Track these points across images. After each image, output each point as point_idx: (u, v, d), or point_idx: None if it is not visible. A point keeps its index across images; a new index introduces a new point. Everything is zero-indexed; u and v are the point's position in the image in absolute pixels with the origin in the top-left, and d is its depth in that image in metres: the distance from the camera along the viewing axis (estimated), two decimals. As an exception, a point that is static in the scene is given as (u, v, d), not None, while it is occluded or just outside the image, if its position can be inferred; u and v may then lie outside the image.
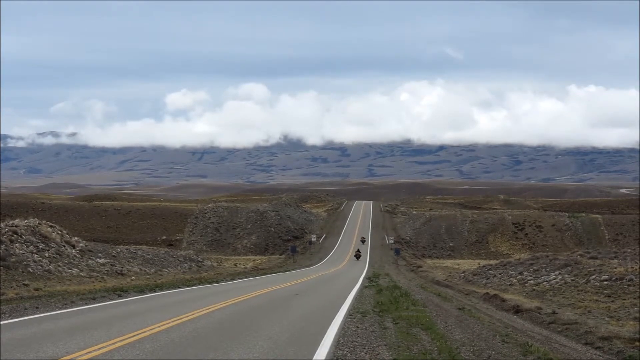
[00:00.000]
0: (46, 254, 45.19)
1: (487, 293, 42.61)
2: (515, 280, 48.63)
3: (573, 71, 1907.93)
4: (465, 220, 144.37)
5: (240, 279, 54.92)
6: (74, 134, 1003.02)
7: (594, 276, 42.23)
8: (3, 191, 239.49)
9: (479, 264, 77.32)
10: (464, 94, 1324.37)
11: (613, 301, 35.82)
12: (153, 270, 56.91)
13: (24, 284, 35.52)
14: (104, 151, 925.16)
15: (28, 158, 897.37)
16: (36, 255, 43.85)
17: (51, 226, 51.80)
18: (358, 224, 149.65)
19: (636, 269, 41.48)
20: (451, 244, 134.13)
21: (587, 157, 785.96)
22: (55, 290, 34.29)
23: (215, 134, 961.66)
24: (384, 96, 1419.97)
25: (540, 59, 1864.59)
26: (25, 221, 50.15)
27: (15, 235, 44.86)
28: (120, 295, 32.55)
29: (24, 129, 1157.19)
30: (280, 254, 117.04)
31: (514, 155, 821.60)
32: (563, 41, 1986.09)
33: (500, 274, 54.07)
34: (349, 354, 17.09)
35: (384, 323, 23.22)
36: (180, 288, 39.80)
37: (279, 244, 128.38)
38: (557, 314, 31.65)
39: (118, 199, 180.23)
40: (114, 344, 17.49)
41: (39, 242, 46.46)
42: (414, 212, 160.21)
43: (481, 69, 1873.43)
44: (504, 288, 46.75)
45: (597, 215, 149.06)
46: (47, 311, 25.12)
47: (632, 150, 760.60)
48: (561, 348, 22.75)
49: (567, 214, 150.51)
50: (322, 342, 18.38)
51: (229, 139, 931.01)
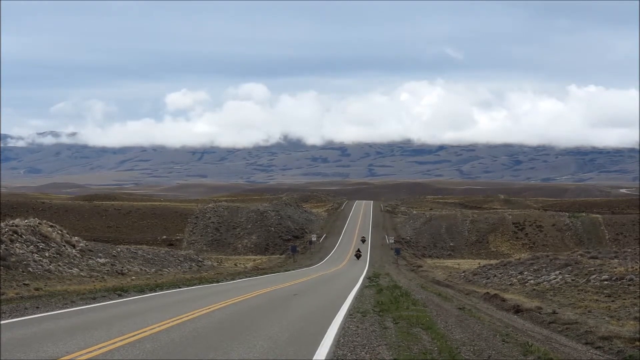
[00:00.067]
0: (46, 254, 45.20)
1: (488, 293, 42.61)
2: (515, 280, 48.62)
3: (573, 71, 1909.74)
4: (466, 220, 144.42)
5: (241, 278, 54.92)
6: (74, 134, 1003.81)
7: (594, 276, 42.24)
8: (3, 191, 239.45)
9: (479, 263, 77.33)
10: (464, 94, 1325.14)
11: (613, 301, 35.83)
12: (153, 270, 56.92)
13: (24, 284, 35.52)
14: (104, 151, 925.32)
15: (28, 158, 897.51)
16: (36, 255, 43.85)
17: (51, 226, 51.80)
18: (358, 223, 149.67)
19: (636, 269, 41.48)
20: (451, 244, 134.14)
21: (587, 157, 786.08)
22: (55, 290, 34.29)
23: (215, 134, 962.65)
24: (384, 96, 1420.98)
25: (540, 59, 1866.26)
26: (26, 221, 50.14)
27: (15, 235, 44.86)
28: (120, 295, 32.56)
29: (24, 129, 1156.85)
30: (281, 254, 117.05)
31: (514, 155, 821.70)
32: (563, 41, 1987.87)
33: (500, 273, 54.06)
34: (349, 354, 17.08)
35: (384, 323, 23.21)
36: (180, 288, 39.81)
37: (279, 243, 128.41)
38: (558, 313, 31.66)
39: (118, 198, 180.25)
40: (114, 343, 17.49)
41: (39, 242, 46.46)
42: (414, 212, 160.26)
43: (481, 69, 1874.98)
44: (504, 288, 46.75)
45: (597, 215, 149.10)
46: (48, 311, 25.12)
47: (632, 150, 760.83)
48: (561, 348, 22.75)
49: (567, 214, 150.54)
50: (322, 342, 18.37)
51: (229, 139, 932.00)
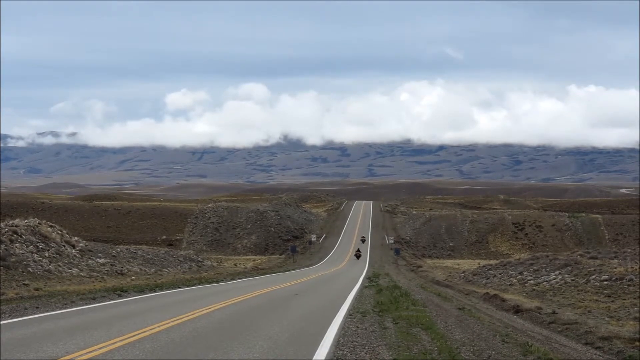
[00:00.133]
0: (46, 254, 45.20)
1: (487, 293, 42.62)
2: (515, 280, 48.62)
3: (573, 71, 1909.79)
4: (465, 220, 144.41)
5: (240, 278, 54.92)
6: (74, 134, 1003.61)
7: (594, 276, 42.24)
8: (3, 191, 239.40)
9: (479, 263, 77.32)
10: (464, 94, 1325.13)
11: (613, 301, 35.83)
12: (153, 270, 56.92)
13: (24, 284, 35.53)
14: (104, 151, 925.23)
15: (28, 158, 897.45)
16: (36, 255, 43.85)
17: (51, 226, 51.80)
18: (358, 223, 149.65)
19: (636, 269, 41.48)
20: (451, 244, 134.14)
21: (587, 157, 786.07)
22: (55, 290, 34.29)
23: (215, 134, 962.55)
24: (384, 96, 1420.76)
25: (540, 59, 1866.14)
26: (25, 221, 50.14)
27: (15, 235, 44.86)
28: (120, 295, 32.56)
29: (24, 129, 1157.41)
30: (280, 254, 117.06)
31: (514, 155, 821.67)
32: (563, 41, 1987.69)
33: (500, 273, 54.07)
34: (349, 354, 17.08)
35: (384, 323, 23.22)
36: (180, 288, 39.81)
37: (279, 243, 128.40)
38: (557, 314, 31.66)
39: (118, 198, 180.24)
40: (114, 343, 17.49)
41: (39, 242, 46.46)
42: (414, 212, 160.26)
43: (481, 69, 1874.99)
44: (504, 288, 46.76)
45: (597, 215, 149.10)
46: (47, 311, 25.12)
47: (632, 150, 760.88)
48: (561, 348, 22.76)
49: (567, 214, 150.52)
50: (322, 342, 18.37)
51: (229, 139, 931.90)
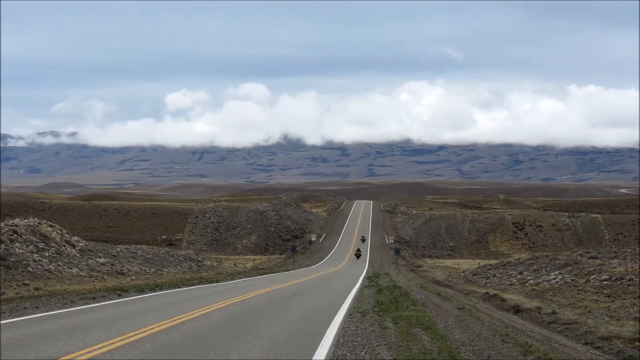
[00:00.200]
0: (46, 254, 45.19)
1: (487, 293, 42.61)
2: (515, 280, 48.62)
3: (573, 71, 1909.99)
4: (465, 220, 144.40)
5: (240, 278, 54.93)
6: (74, 134, 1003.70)
7: (594, 276, 42.23)
8: (3, 191, 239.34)
9: (479, 263, 77.33)
10: (464, 94, 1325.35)
11: (613, 301, 35.82)
12: (153, 269, 56.93)
13: (24, 284, 35.52)
14: (104, 151, 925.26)
15: (28, 158, 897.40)
16: (36, 254, 43.84)
17: (51, 226, 51.79)
18: (358, 223, 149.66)
19: (636, 269, 41.48)
20: (451, 244, 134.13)
21: (587, 157, 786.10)
22: (55, 289, 34.28)
23: (215, 133, 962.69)
24: (384, 96, 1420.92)
25: (540, 59, 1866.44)
26: (25, 221, 50.13)
27: (15, 235, 44.85)
28: (120, 295, 32.56)
29: (24, 129, 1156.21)
30: (280, 254, 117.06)
31: (514, 155, 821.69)
32: (563, 41, 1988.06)
33: (500, 273, 54.06)
34: (349, 354, 17.08)
35: (384, 323, 23.21)
36: (180, 288, 39.81)
37: (279, 243, 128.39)
38: (557, 313, 31.66)
39: (118, 198, 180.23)
40: (113, 343, 17.49)
41: (38, 242, 46.45)
42: (414, 212, 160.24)
43: (481, 69, 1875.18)
44: (503, 288, 46.75)
45: (597, 215, 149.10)
46: (47, 311, 25.12)
47: (632, 150, 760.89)
48: (561, 348, 22.75)
49: (567, 214, 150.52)
50: (322, 342, 18.37)
51: (229, 138, 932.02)
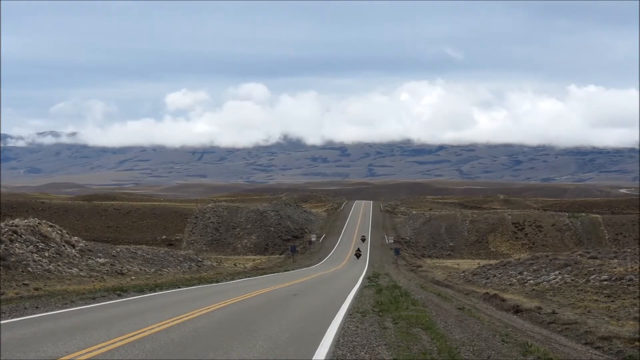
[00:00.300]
0: (46, 254, 45.19)
1: (487, 293, 42.61)
2: (515, 280, 48.62)
3: (573, 71, 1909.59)
4: (465, 220, 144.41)
5: (240, 278, 54.91)
6: (74, 134, 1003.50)
7: (594, 276, 42.23)
8: (3, 191, 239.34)
9: (479, 263, 77.31)
10: (464, 94, 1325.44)
11: (613, 301, 35.83)
12: (153, 269, 56.92)
13: (24, 284, 35.53)
14: (104, 151, 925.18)
15: (28, 158, 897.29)
16: (36, 254, 43.84)
17: (51, 226, 51.78)
18: (358, 223, 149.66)
19: (636, 269, 41.48)
20: (451, 244, 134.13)
21: (587, 157, 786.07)
22: (55, 289, 34.28)
23: (215, 133, 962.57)
24: (384, 96, 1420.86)
25: (540, 59, 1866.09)
26: (25, 221, 50.12)
27: (15, 235, 44.85)
28: (120, 295, 32.55)
29: (24, 129, 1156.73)
30: (280, 254, 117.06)
31: (513, 155, 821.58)
32: (563, 41, 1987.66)
33: (500, 273, 54.06)
34: (349, 354, 17.08)
35: (384, 323, 23.21)
36: (180, 288, 39.81)
37: (279, 243, 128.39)
38: (557, 313, 31.66)
39: (118, 198, 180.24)
40: (113, 343, 17.49)
41: (38, 242, 46.44)
42: (414, 212, 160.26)
43: (481, 69, 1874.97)
44: (503, 288, 46.75)
45: (597, 215, 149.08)
46: (47, 311, 25.11)
47: (632, 150, 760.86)
48: (561, 348, 22.75)
49: (567, 214, 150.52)
50: (322, 342, 18.37)
51: (229, 139, 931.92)
